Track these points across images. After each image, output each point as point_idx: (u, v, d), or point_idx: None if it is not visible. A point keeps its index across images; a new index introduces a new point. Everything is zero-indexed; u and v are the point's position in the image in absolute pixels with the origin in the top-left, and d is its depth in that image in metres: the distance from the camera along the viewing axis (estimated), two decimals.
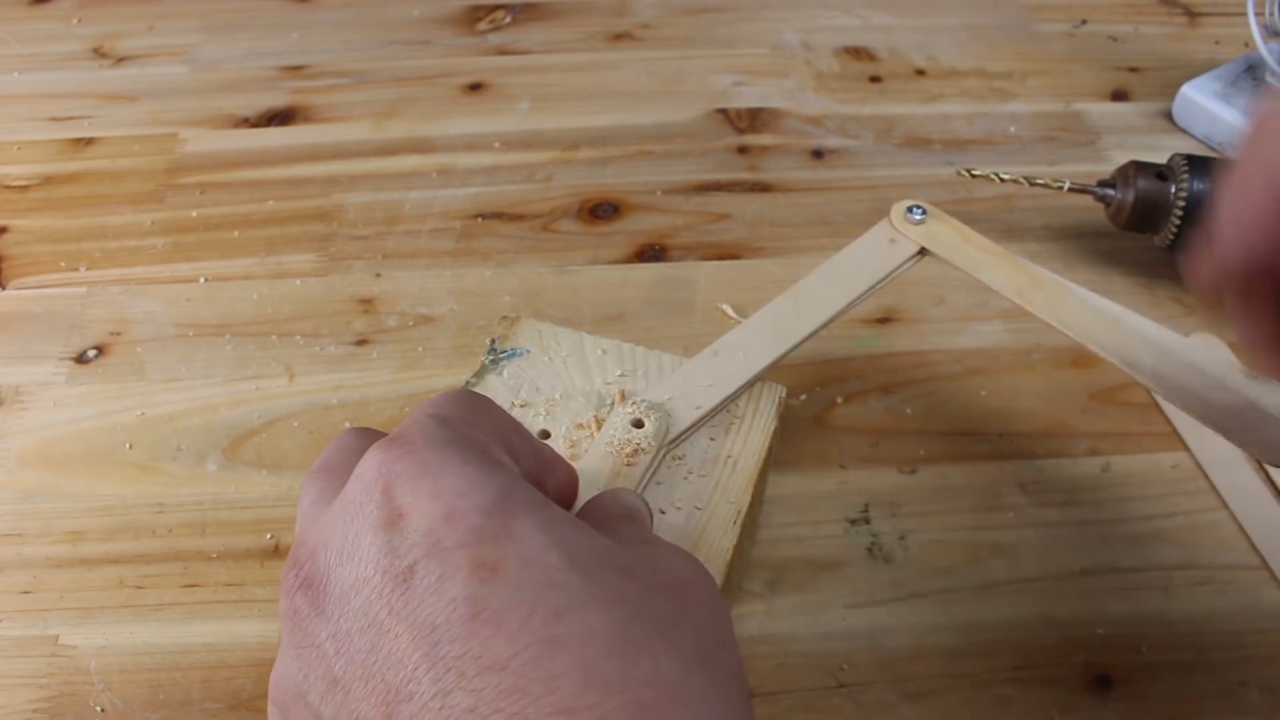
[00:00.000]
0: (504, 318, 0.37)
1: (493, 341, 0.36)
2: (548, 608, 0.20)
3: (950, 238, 0.39)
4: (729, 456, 0.33)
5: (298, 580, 0.22)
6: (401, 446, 0.23)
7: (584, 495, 0.29)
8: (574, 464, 0.30)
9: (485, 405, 0.26)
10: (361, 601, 0.21)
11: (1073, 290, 0.37)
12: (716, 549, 0.31)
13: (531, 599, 0.20)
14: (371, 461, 0.22)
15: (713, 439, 0.34)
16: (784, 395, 0.35)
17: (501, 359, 0.36)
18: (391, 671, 0.20)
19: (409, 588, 0.20)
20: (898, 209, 0.39)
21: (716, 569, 0.30)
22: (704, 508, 0.32)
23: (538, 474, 0.27)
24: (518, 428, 0.27)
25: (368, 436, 0.26)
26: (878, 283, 0.38)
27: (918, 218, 0.39)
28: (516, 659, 0.19)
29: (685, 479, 0.33)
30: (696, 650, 0.21)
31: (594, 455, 0.32)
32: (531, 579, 0.20)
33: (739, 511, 0.32)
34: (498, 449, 0.24)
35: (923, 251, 0.38)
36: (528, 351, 0.36)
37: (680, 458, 0.33)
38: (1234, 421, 0.34)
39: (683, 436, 0.33)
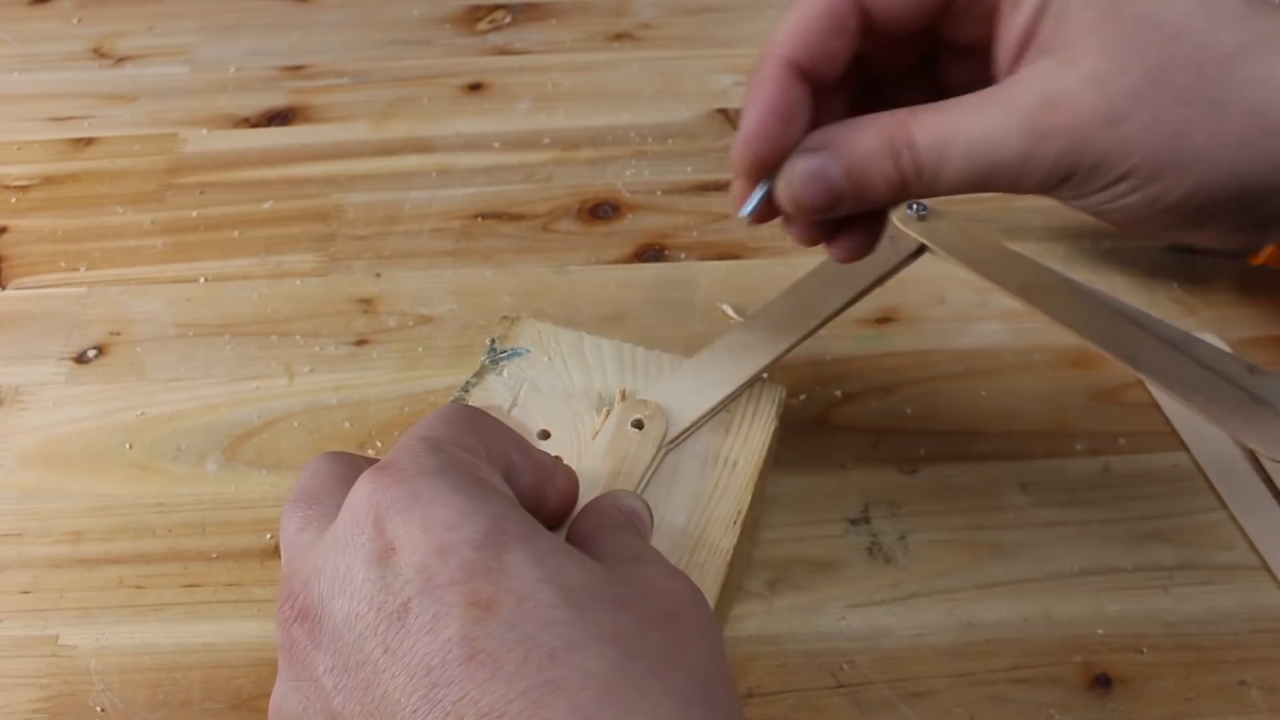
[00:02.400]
0: (504, 318, 0.37)
1: (493, 341, 0.36)
2: (543, 650, 0.20)
3: (951, 234, 0.39)
4: (729, 457, 0.33)
5: (293, 611, 0.22)
6: (391, 475, 0.22)
7: (584, 496, 0.29)
8: (574, 464, 0.30)
9: (480, 422, 0.26)
10: (356, 637, 0.21)
11: (1074, 285, 0.37)
12: (716, 549, 0.31)
13: (527, 640, 0.20)
14: (363, 491, 0.22)
15: (713, 439, 0.34)
16: (784, 395, 0.35)
17: (501, 359, 0.36)
18: (389, 711, 0.20)
19: (403, 626, 0.20)
20: (899, 206, 0.39)
21: (716, 569, 0.30)
22: (704, 508, 0.32)
23: (538, 484, 0.27)
24: (515, 439, 0.27)
25: (341, 461, 0.26)
26: (877, 280, 0.38)
27: (918, 214, 0.39)
28: (514, 705, 0.19)
29: (685, 479, 0.33)
30: (692, 684, 0.21)
31: (594, 456, 0.32)
32: (525, 617, 0.20)
33: (739, 511, 0.32)
34: (490, 470, 0.24)
35: (922, 249, 0.38)
36: (528, 351, 0.36)
37: (680, 458, 0.33)
38: (1234, 416, 0.34)
39: (683, 436, 0.33)
